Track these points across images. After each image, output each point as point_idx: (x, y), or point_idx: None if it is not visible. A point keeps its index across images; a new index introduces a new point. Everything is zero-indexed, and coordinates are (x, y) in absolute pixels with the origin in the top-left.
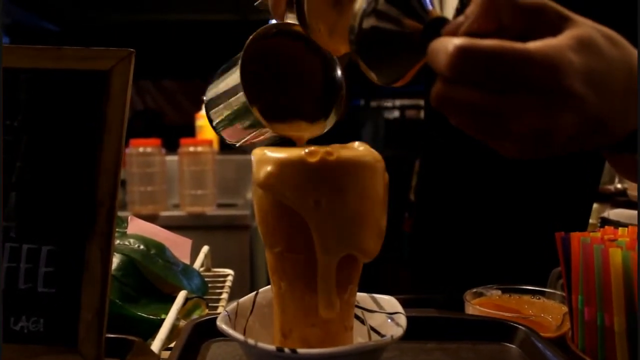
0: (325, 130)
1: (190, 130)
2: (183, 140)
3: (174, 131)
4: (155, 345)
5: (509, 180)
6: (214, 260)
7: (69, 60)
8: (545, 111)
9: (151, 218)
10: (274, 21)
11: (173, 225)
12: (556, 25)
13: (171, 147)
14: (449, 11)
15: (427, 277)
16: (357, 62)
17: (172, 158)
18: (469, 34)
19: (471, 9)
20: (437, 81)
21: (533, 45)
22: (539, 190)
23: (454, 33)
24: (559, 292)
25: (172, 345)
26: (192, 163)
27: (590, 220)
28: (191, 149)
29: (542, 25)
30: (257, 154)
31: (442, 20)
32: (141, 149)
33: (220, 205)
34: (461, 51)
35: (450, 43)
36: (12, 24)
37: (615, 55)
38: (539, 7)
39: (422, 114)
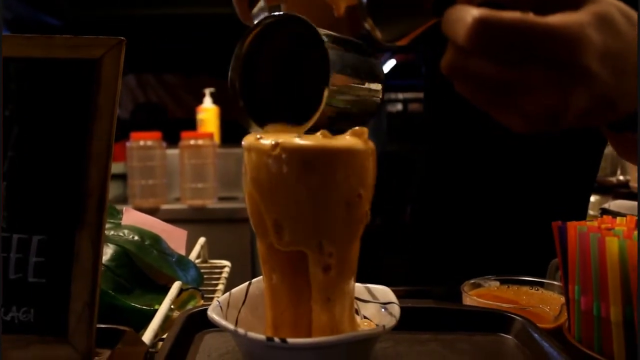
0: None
1: (191, 123)
2: (184, 134)
3: (175, 125)
4: (147, 335)
5: (508, 170)
6: (215, 253)
7: (59, 49)
8: (558, 87)
9: (152, 211)
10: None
11: (174, 219)
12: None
13: (172, 140)
14: None
15: (426, 268)
16: (363, 19)
17: (173, 151)
18: (487, 2)
19: None
20: (450, 49)
21: (553, 19)
22: (537, 180)
23: (471, 0)
24: (557, 283)
25: (165, 336)
26: (193, 156)
27: (591, 212)
28: (192, 142)
29: None
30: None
31: None
32: (142, 143)
33: (221, 199)
34: (480, 23)
35: (468, 14)
36: (13, 18)
37: (631, 34)
38: None
39: (423, 107)
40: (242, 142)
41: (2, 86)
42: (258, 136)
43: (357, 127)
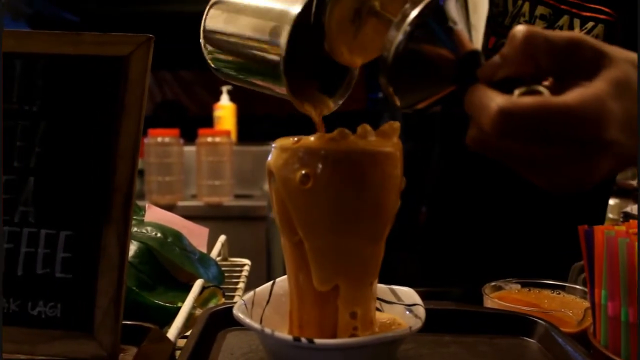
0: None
1: (208, 120)
2: (201, 131)
3: (192, 122)
4: (172, 333)
5: None
6: (230, 250)
7: (87, 46)
8: (583, 161)
9: (168, 208)
10: None
11: (190, 216)
12: (593, 64)
13: (189, 137)
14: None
15: (440, 270)
16: (384, 87)
17: (190, 148)
18: (507, 78)
19: (508, 51)
20: (474, 127)
21: (572, 98)
22: None
23: (491, 76)
24: (579, 287)
25: (188, 333)
26: (210, 153)
27: (611, 216)
28: (209, 139)
29: (579, 64)
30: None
31: (476, 55)
32: (159, 139)
33: (237, 196)
34: (503, 114)
35: (492, 102)
36: (33, 14)
37: None
38: (575, 45)
39: (439, 107)
40: (271, 160)
41: (2, 81)
42: (295, 139)
43: (392, 122)
